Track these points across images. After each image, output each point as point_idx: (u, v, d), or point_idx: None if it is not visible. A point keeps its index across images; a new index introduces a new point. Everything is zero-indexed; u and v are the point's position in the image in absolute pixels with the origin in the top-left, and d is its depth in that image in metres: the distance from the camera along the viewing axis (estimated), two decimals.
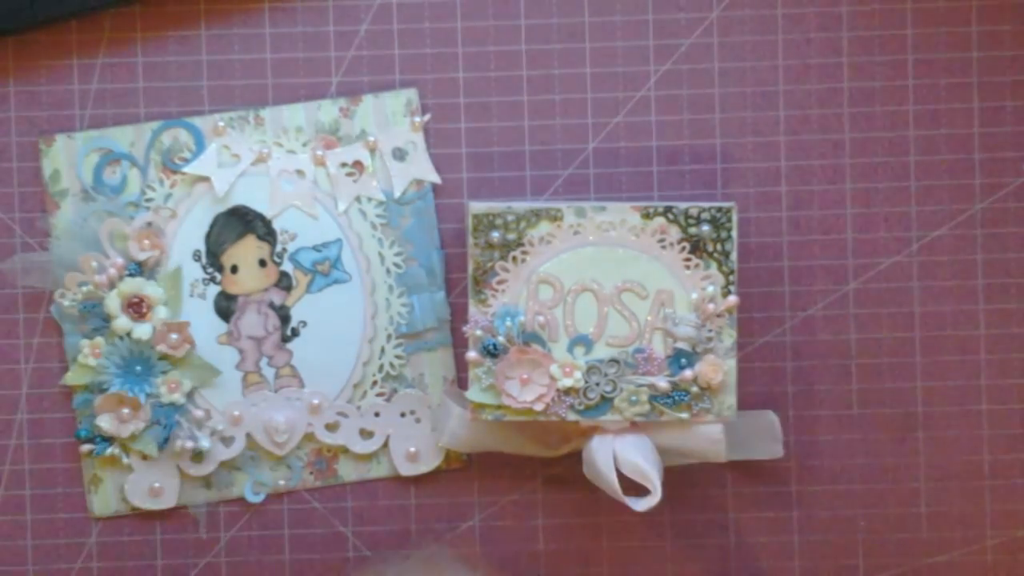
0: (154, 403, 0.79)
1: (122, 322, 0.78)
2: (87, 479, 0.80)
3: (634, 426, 0.76)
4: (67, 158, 0.79)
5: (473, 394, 0.75)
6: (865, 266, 0.81)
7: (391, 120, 0.80)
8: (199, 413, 0.79)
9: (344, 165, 0.79)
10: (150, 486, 0.79)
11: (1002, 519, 0.81)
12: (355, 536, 0.81)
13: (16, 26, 0.78)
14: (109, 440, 0.79)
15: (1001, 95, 0.80)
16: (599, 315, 0.75)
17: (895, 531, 0.81)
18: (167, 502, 0.80)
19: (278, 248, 0.79)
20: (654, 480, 0.74)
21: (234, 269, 0.79)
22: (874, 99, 0.80)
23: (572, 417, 0.75)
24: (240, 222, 0.79)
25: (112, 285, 0.78)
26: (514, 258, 0.75)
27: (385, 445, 0.80)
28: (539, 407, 0.75)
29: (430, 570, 0.76)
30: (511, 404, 0.75)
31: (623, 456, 0.75)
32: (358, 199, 0.80)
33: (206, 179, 0.79)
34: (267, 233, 0.79)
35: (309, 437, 0.80)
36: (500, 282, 0.75)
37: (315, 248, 0.79)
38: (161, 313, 0.78)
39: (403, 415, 0.80)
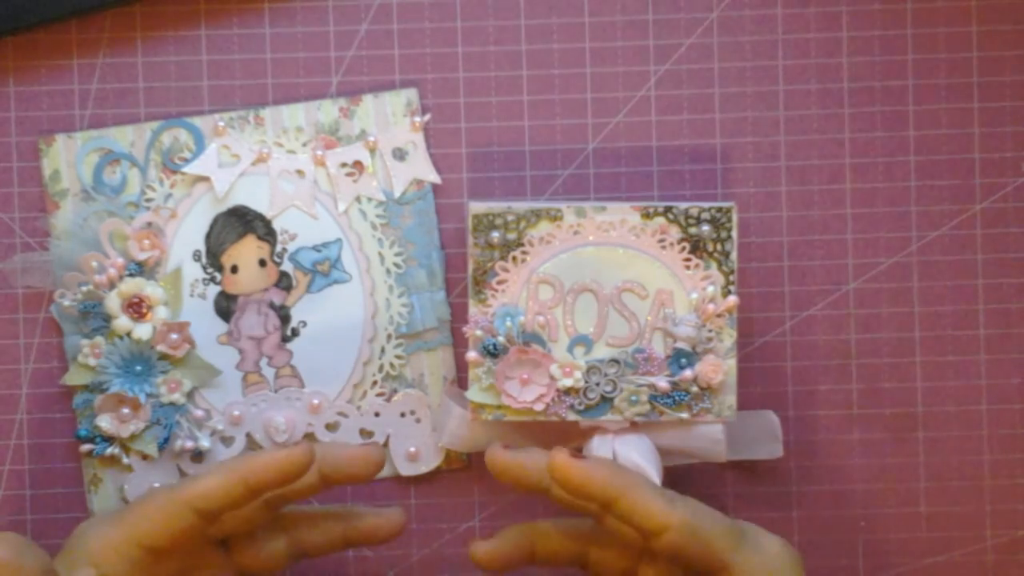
0: (154, 403, 0.79)
1: (122, 322, 0.78)
2: (87, 479, 0.80)
3: (634, 426, 0.76)
4: (67, 158, 0.79)
5: (473, 394, 0.75)
6: (865, 266, 0.81)
7: (391, 120, 0.80)
8: (199, 413, 0.79)
9: (344, 165, 0.79)
10: (150, 486, 0.79)
11: (1002, 519, 0.81)
12: None
13: (16, 26, 0.78)
14: (109, 440, 0.79)
15: (1001, 95, 0.80)
16: (599, 315, 0.75)
17: (895, 531, 0.81)
18: None
19: (278, 248, 0.79)
20: (654, 480, 0.74)
21: (234, 269, 0.79)
22: (874, 99, 0.80)
23: (572, 417, 0.75)
24: (240, 222, 0.79)
25: (112, 285, 0.78)
26: (514, 258, 0.75)
27: (385, 445, 0.80)
28: (539, 407, 0.75)
29: None
30: (511, 404, 0.75)
31: (623, 456, 0.75)
32: (358, 199, 0.80)
33: (206, 179, 0.79)
34: (267, 233, 0.79)
35: (309, 437, 0.80)
36: (500, 282, 0.75)
37: (315, 248, 0.79)
38: (161, 313, 0.78)
39: (403, 415, 0.80)
